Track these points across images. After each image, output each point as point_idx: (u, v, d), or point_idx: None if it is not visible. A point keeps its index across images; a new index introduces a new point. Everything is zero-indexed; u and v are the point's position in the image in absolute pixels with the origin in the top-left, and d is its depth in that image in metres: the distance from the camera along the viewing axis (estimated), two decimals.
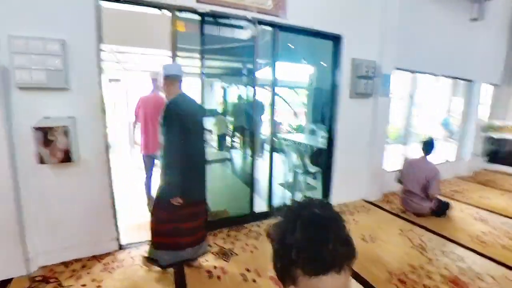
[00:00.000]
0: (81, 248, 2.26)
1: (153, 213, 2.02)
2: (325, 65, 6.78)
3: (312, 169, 3.79)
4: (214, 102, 8.21)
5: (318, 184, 3.89)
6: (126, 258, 2.26)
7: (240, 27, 2.94)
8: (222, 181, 4.87)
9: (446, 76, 4.69)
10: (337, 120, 3.36)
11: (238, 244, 2.52)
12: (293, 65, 7.28)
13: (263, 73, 3.48)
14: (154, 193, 2.88)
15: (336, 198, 3.57)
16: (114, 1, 2.13)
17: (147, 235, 2.39)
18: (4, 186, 1.89)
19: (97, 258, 2.27)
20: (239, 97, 7.24)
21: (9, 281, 1.96)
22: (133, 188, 3.81)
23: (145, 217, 2.62)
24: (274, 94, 3.08)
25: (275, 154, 3.16)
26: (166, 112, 1.84)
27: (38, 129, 1.90)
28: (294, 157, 3.94)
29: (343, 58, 3.24)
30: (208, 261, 2.24)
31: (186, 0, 2.33)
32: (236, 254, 2.35)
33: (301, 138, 5.56)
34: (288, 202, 0.64)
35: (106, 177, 2.26)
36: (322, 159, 3.87)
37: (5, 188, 1.90)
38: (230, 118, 8.06)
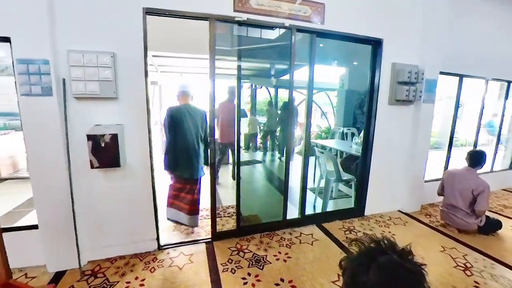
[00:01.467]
0: (124, 246, 2.42)
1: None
2: (355, 63, 6.56)
3: (345, 176, 3.68)
4: (242, 102, 8.28)
5: (351, 192, 3.78)
6: (166, 259, 2.38)
7: (272, 27, 2.90)
8: (253, 184, 4.89)
9: (497, 80, 4.28)
10: (374, 127, 3.22)
11: (271, 252, 2.53)
12: (322, 66, 7.08)
13: (297, 75, 3.39)
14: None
15: (371, 208, 3.45)
16: (159, 15, 2.22)
17: (182, 236, 2.81)
18: (62, 187, 2.09)
19: (138, 256, 2.42)
20: (270, 100, 7.21)
21: (63, 272, 2.17)
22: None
23: None
24: (311, 97, 3.00)
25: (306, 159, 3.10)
26: (165, 114, 2.75)
27: (90, 136, 2.05)
28: (326, 163, 3.85)
29: (383, 62, 3.10)
30: (242, 267, 2.29)
31: (224, 10, 2.36)
32: (270, 262, 2.37)
33: (333, 143, 5.41)
34: (365, 239, 0.63)
35: (149, 180, 2.38)
36: (356, 166, 3.75)
37: (63, 190, 2.09)
38: (260, 120, 8.05)
